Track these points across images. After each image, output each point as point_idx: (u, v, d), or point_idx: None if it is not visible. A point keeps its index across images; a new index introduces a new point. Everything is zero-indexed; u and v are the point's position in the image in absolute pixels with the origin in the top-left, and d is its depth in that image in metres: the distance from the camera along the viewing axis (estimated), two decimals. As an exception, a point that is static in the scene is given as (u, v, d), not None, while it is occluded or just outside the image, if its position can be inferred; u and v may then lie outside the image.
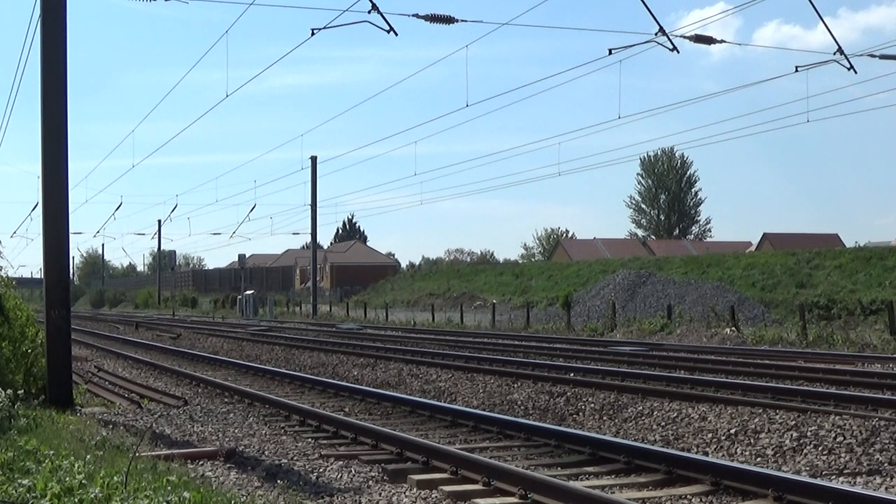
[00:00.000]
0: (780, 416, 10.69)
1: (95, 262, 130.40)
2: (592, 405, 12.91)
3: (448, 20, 16.03)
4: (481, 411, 12.39)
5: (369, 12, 14.37)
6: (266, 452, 9.82)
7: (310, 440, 10.60)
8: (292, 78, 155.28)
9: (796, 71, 18.95)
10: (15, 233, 73.20)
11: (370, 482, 8.28)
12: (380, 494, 7.74)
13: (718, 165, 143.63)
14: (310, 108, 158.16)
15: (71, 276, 18.27)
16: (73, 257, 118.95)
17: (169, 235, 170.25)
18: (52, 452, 7.73)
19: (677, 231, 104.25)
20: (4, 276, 15.46)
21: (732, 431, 10.33)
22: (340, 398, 14.58)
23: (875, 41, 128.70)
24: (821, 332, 25.71)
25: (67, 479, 6.53)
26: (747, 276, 42.00)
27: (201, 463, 9.05)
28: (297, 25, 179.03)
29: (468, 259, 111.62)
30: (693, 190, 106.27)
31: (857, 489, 7.34)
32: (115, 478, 6.56)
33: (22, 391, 11.78)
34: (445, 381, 16.52)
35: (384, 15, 14.38)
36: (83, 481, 6.47)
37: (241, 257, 68.35)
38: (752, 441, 9.95)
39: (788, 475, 7.67)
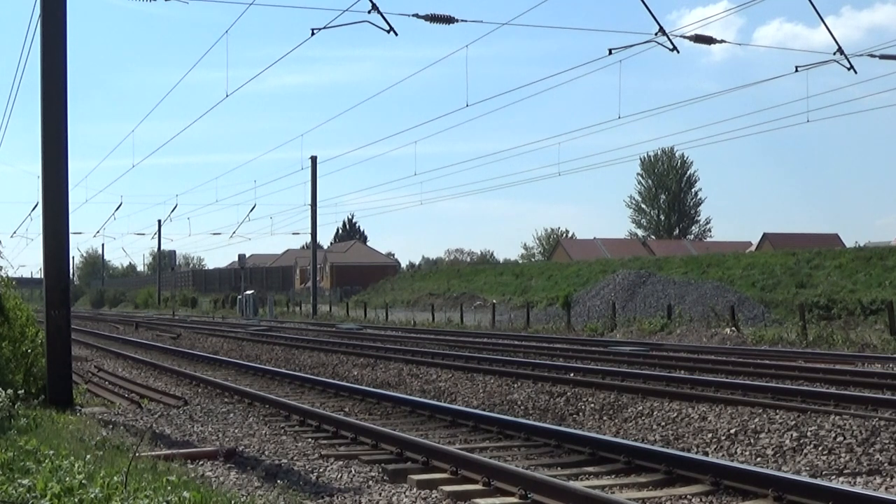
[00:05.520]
0: (780, 416, 10.69)
1: (95, 262, 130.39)
2: (592, 405, 12.91)
3: (448, 20, 16.03)
4: (481, 411, 12.39)
5: (369, 12, 14.38)
6: (266, 452, 9.81)
7: (310, 440, 10.60)
8: (292, 78, 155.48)
9: (796, 71, 18.97)
10: (15, 233, 73.34)
11: (370, 482, 8.28)
12: (380, 494, 7.74)
13: (718, 165, 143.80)
14: (310, 108, 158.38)
15: (71, 276, 18.26)
16: (73, 257, 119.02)
17: (169, 235, 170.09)
18: (52, 452, 7.73)
19: (677, 231, 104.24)
20: (4, 276, 15.47)
21: (732, 431, 10.33)
22: (340, 398, 14.58)
23: (879, 40, 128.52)
24: (821, 332, 25.70)
25: (67, 479, 6.53)
26: (747, 276, 42.00)
27: (201, 463, 9.04)
28: (297, 25, 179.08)
29: (468, 259, 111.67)
30: (693, 190, 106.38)
31: (857, 489, 7.34)
32: (115, 478, 6.56)
33: (22, 391, 11.79)
34: (445, 381, 16.52)
35: (384, 15, 14.39)
36: (83, 481, 6.47)
37: (241, 257, 68.32)
38: (752, 441, 9.95)
39: (788, 475, 7.66)
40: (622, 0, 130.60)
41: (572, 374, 16.31)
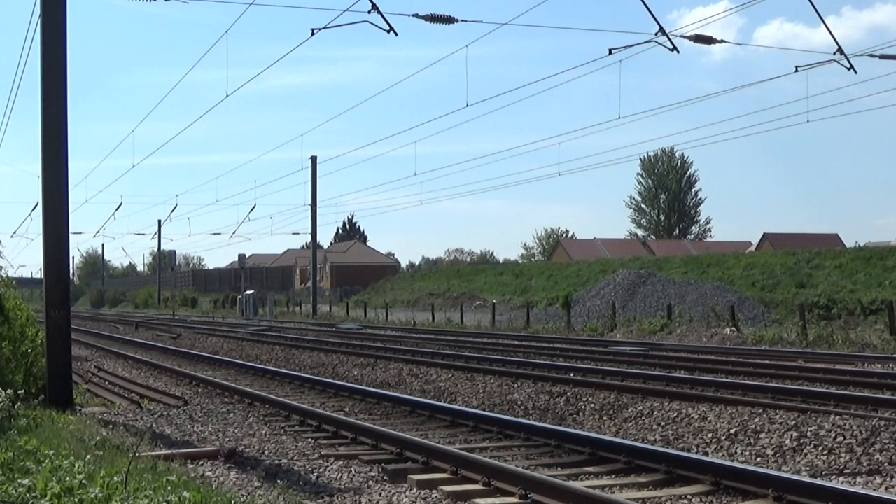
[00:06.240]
0: (780, 416, 10.69)
1: (95, 262, 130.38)
2: (592, 405, 12.91)
3: (448, 20, 16.03)
4: (481, 411, 12.39)
5: (369, 12, 14.39)
6: (266, 452, 9.82)
7: (310, 440, 10.60)
8: (292, 78, 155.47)
9: (796, 71, 18.97)
10: (15, 233, 73.41)
11: (370, 482, 8.28)
12: (380, 494, 7.74)
13: (718, 165, 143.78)
14: (310, 108, 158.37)
15: (71, 276, 18.26)
16: (73, 257, 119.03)
17: (169, 235, 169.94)
18: (52, 452, 7.73)
19: (677, 231, 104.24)
20: (4, 276, 15.46)
21: (732, 431, 10.33)
22: (340, 398, 14.58)
23: (879, 40, 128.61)
24: (821, 332, 25.70)
25: (67, 479, 6.53)
26: (747, 276, 41.99)
27: (201, 463, 9.05)
28: (297, 25, 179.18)
29: (468, 259, 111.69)
30: (693, 190, 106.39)
31: (857, 489, 7.34)
32: (115, 478, 6.56)
33: (22, 391, 11.78)
34: (445, 381, 16.52)
35: (384, 15, 14.40)
36: (83, 481, 6.47)
37: (241, 257, 68.30)
38: (752, 441, 9.95)
39: (788, 475, 7.66)
40: (622, 0, 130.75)
41: (572, 374, 16.30)
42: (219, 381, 16.61)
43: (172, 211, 58.22)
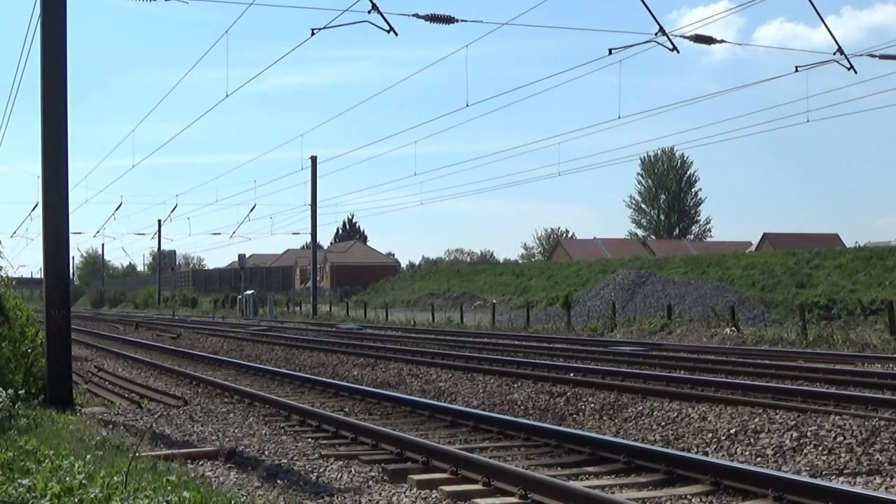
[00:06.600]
0: (780, 416, 10.69)
1: (95, 262, 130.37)
2: (592, 405, 12.91)
3: (448, 20, 16.03)
4: (481, 411, 12.39)
5: (369, 12, 14.39)
6: (266, 452, 9.82)
7: (310, 440, 10.60)
8: (292, 78, 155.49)
9: (796, 71, 18.98)
10: (15, 233, 73.40)
11: (370, 482, 8.28)
12: (380, 494, 7.74)
13: (718, 165, 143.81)
14: (310, 108, 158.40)
15: (71, 276, 18.26)
16: (73, 257, 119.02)
17: (169, 235, 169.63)
18: (52, 452, 7.73)
19: (677, 231, 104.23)
20: (4, 276, 15.46)
21: (732, 431, 10.33)
22: (340, 398, 14.58)
23: (879, 40, 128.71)
24: (821, 332, 25.71)
25: (67, 479, 6.53)
26: (747, 276, 42.01)
27: (201, 463, 9.05)
28: (297, 25, 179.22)
29: (468, 259, 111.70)
30: (693, 190, 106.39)
31: (857, 489, 7.34)
32: (115, 478, 6.56)
33: (22, 391, 11.77)
34: (445, 381, 16.52)
35: (384, 15, 14.40)
36: (83, 481, 6.47)
37: (241, 257, 68.30)
38: (752, 441, 9.95)
39: (788, 475, 7.66)
40: (622, 0, 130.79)
41: (572, 374, 16.30)
42: (219, 381, 16.60)
43: (172, 211, 58.25)
